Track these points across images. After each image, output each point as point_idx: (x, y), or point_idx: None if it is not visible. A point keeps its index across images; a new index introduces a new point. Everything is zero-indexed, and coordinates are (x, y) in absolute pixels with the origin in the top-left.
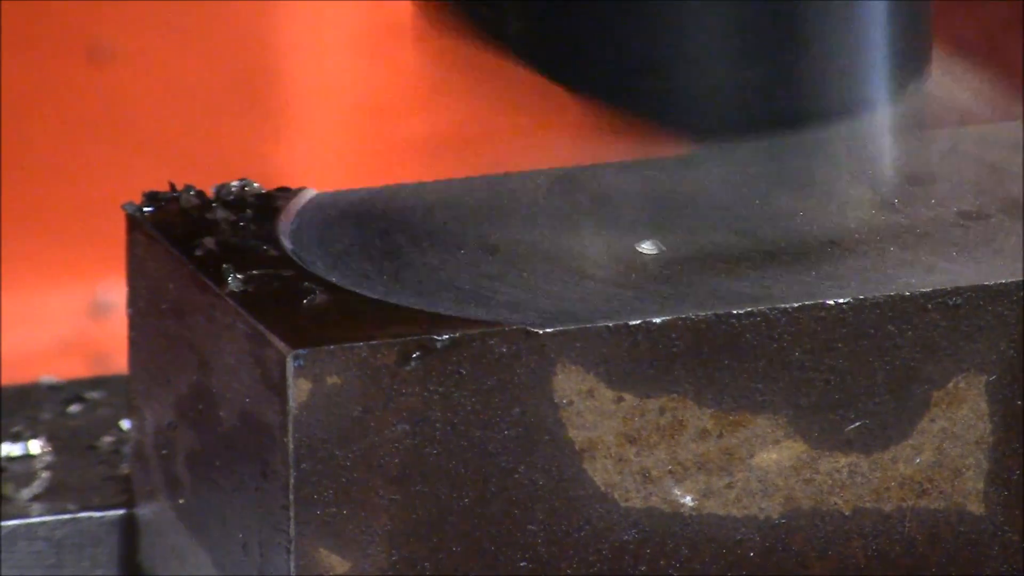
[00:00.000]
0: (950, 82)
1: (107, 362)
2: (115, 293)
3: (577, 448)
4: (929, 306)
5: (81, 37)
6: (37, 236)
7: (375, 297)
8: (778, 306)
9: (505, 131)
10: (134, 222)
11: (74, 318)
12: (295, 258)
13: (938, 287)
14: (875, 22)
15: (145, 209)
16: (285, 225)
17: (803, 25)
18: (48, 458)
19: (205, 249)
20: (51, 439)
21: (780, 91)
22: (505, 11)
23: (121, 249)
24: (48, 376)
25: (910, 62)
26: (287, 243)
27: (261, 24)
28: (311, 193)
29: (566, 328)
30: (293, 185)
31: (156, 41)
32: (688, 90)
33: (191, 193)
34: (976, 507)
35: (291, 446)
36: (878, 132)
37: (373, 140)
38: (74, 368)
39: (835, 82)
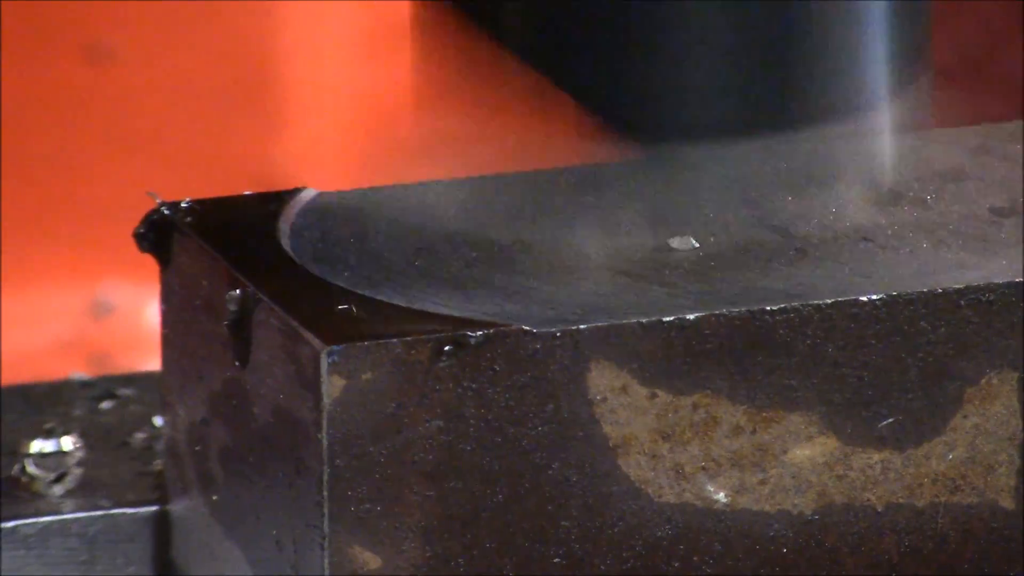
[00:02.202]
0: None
1: (107, 362)
2: (115, 293)
3: (611, 444)
4: (962, 302)
5: (81, 37)
6: (37, 236)
7: (409, 293)
8: (811, 302)
9: (504, 131)
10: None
11: (74, 318)
12: (327, 255)
13: (971, 283)
14: (871, 23)
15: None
16: (312, 222)
17: (796, 28)
18: (81, 454)
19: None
20: (83, 435)
21: (773, 93)
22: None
23: (121, 248)
24: (79, 373)
25: (908, 63)
26: (315, 240)
27: (261, 24)
28: (312, 193)
29: (600, 324)
30: (293, 185)
31: (156, 41)
32: (679, 92)
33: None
34: (1009, 503)
35: (325, 442)
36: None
37: (373, 140)
38: (74, 368)
39: (831, 84)
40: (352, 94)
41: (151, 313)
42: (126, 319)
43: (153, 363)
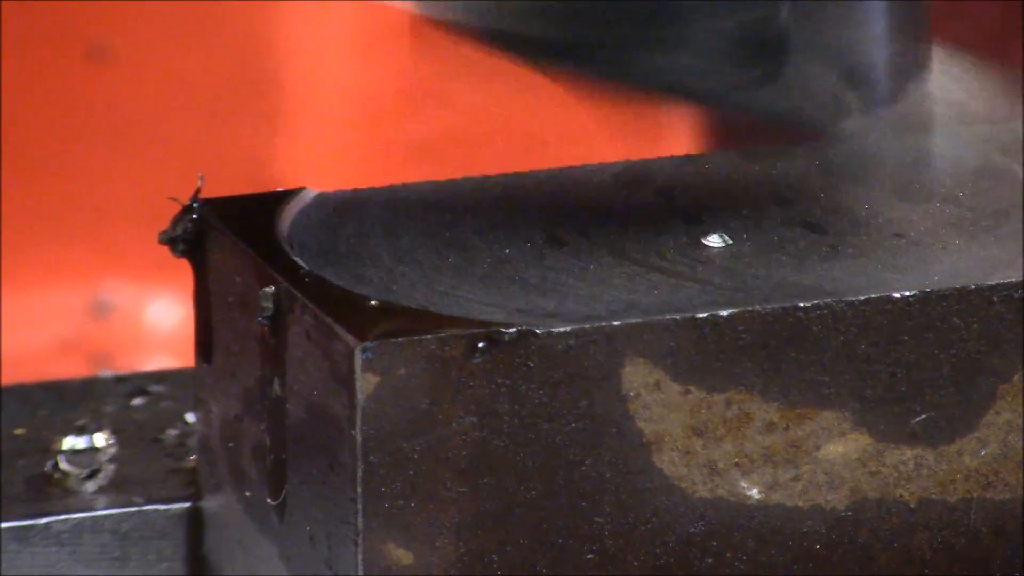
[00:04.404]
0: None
1: (108, 362)
2: (115, 293)
3: (644, 441)
4: (995, 299)
5: (81, 37)
6: (37, 236)
7: (442, 290)
8: (844, 299)
9: (504, 131)
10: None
11: (74, 318)
12: (359, 252)
13: (1004, 280)
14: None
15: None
16: (340, 219)
17: None
18: (113, 451)
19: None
20: (116, 432)
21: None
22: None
23: (120, 249)
24: (107, 370)
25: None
26: (348, 237)
27: (261, 24)
28: (312, 193)
29: (633, 321)
30: (293, 185)
31: (156, 41)
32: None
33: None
34: None
35: (359, 439)
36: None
37: (373, 140)
38: (75, 368)
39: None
40: (352, 94)
41: (151, 313)
42: (126, 319)
43: (153, 363)
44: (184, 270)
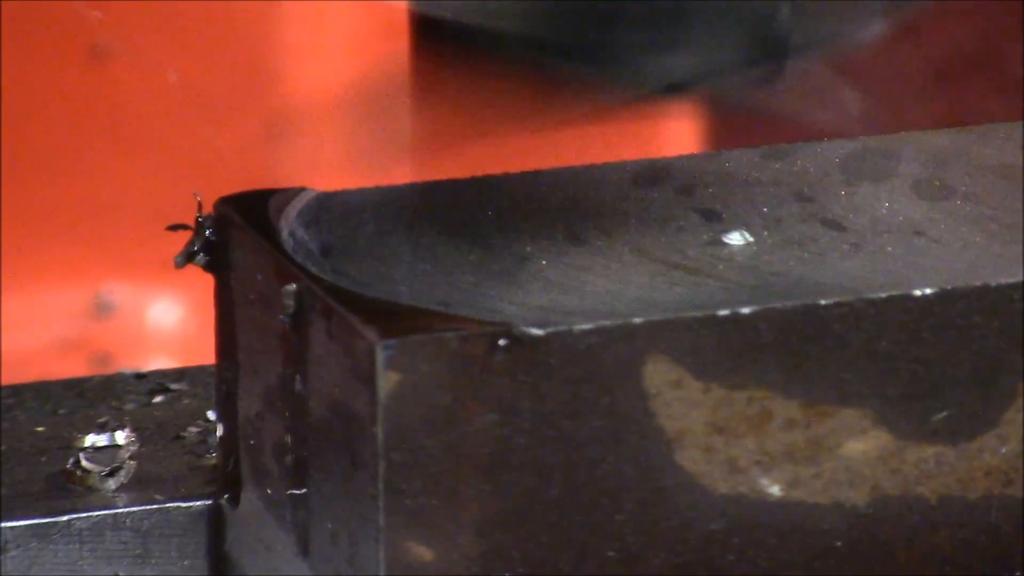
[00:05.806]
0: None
1: (109, 362)
2: (116, 293)
3: (665, 438)
4: (1015, 297)
5: (81, 37)
6: (38, 236)
7: (463, 287)
8: (865, 296)
9: (502, 131)
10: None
11: (75, 318)
12: (380, 250)
13: None
14: None
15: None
16: (360, 217)
17: None
18: (134, 448)
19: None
20: (137, 429)
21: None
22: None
23: (122, 248)
24: (127, 368)
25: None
26: (370, 235)
27: (261, 24)
28: (312, 193)
29: (655, 319)
30: (293, 185)
31: (156, 41)
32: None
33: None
34: None
35: (380, 436)
36: None
37: (372, 140)
38: (76, 368)
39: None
40: (352, 93)
41: (152, 313)
42: (127, 319)
43: (155, 363)
44: (185, 269)
